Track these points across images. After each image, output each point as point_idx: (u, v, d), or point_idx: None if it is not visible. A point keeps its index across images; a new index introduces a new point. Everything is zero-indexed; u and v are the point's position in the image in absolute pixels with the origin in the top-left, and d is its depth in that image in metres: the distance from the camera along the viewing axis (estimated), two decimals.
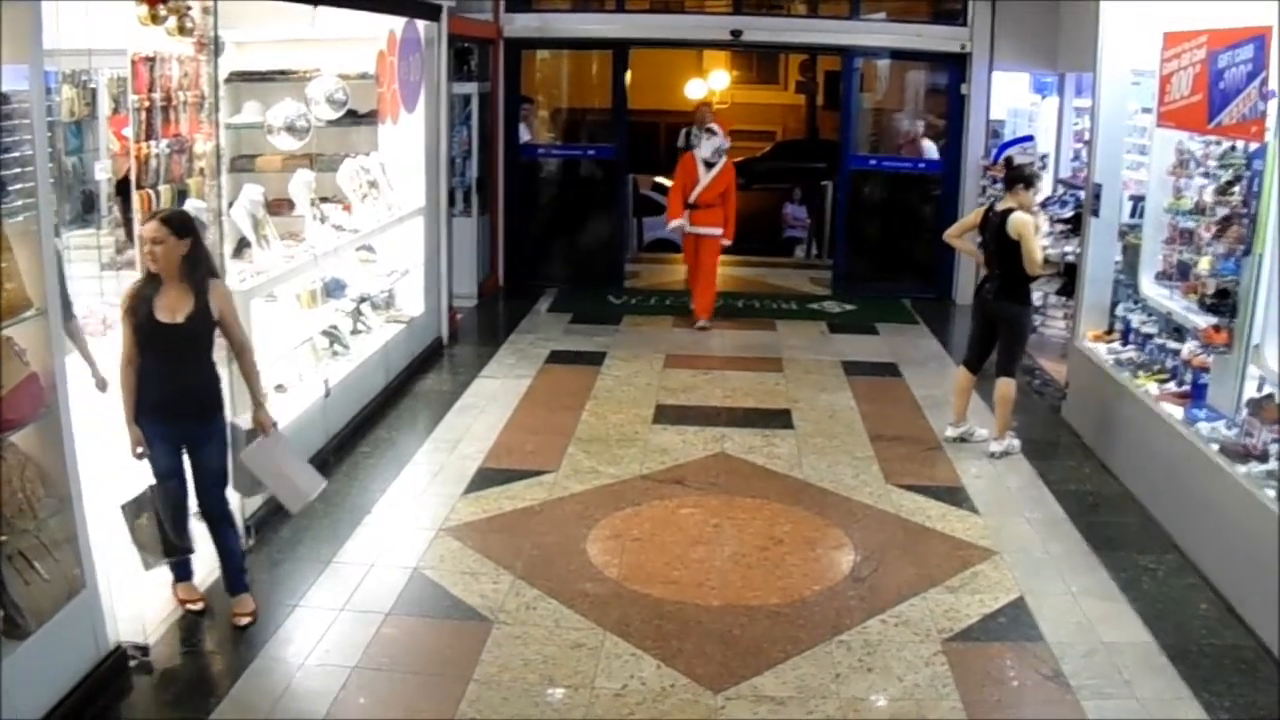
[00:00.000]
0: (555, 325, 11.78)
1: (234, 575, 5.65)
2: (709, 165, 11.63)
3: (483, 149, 12.77)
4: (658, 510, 7.09)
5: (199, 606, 5.65)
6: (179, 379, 5.35)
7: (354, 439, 8.10)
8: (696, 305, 11.91)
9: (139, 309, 5.25)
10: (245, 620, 5.53)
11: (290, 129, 7.92)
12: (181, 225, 5.29)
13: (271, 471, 5.75)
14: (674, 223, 12.00)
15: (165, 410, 5.34)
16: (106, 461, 5.42)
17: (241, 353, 5.60)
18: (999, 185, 10.82)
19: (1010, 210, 7.80)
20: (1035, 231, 7.83)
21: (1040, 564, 6.40)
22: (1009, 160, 11.30)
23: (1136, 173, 8.36)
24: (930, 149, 13.62)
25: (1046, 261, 10.18)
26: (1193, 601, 5.98)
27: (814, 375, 10.10)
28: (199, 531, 5.64)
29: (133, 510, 5.38)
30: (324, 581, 6.03)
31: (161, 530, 5.41)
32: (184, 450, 5.46)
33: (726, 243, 11.95)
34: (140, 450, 5.37)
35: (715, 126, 11.76)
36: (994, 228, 7.92)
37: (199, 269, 5.32)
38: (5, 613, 4.39)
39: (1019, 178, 7.99)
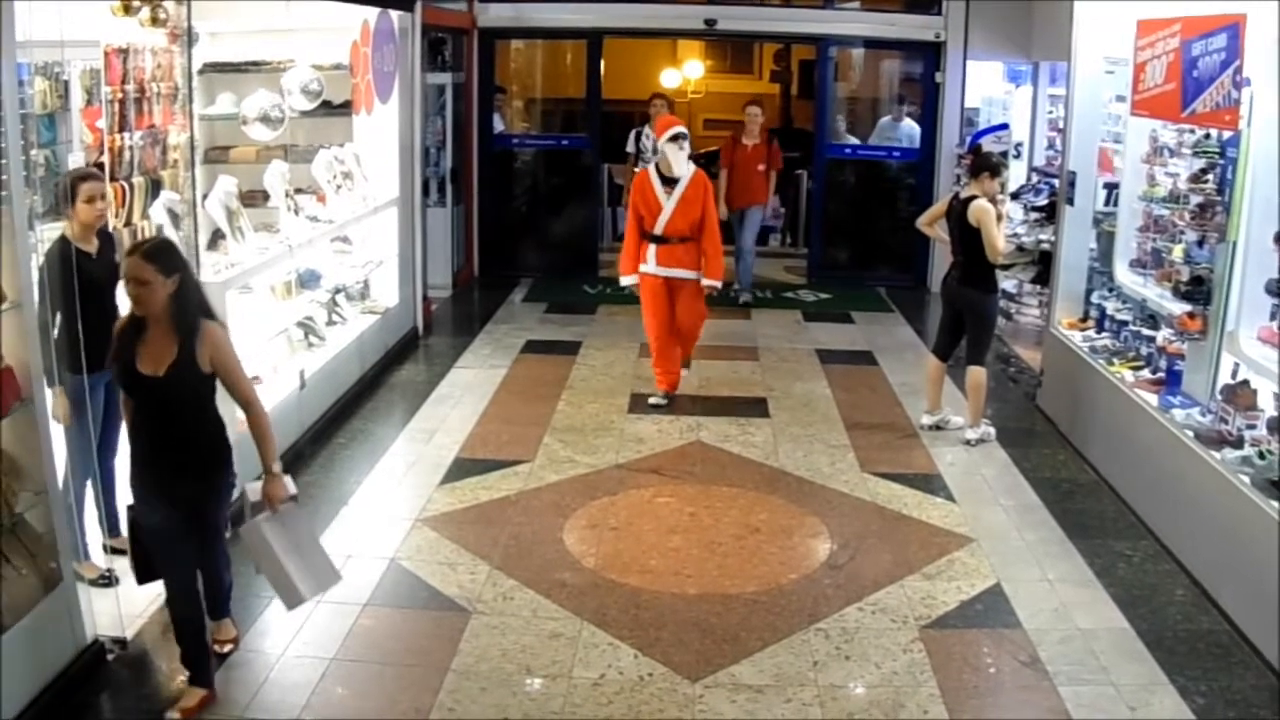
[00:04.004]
0: (530, 315, 11.74)
1: (219, 601, 5.16)
2: (668, 183, 8.55)
3: (457, 139, 12.72)
4: (634, 499, 7.10)
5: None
6: (167, 437, 4.60)
7: (330, 430, 8.07)
8: (660, 371, 8.91)
9: (121, 355, 4.53)
10: (227, 648, 5.18)
11: (265, 119, 7.88)
12: (169, 260, 4.47)
13: (270, 557, 4.74)
14: (626, 279, 8.85)
15: (155, 471, 4.64)
16: None
17: (247, 408, 4.68)
18: None
19: (973, 197, 7.84)
20: (998, 219, 7.86)
21: (1016, 551, 6.44)
22: (977, 148, 11.34)
23: (1111, 160, 8.41)
24: (909, 128, 13.59)
25: (1021, 249, 10.25)
26: (1168, 587, 6.03)
27: (789, 364, 10.12)
28: None
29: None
30: None
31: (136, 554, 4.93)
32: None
33: (715, 286, 8.80)
34: None
35: (682, 130, 8.67)
36: (956, 215, 7.96)
37: (188, 310, 4.50)
38: None
39: (984, 165, 8.01)
